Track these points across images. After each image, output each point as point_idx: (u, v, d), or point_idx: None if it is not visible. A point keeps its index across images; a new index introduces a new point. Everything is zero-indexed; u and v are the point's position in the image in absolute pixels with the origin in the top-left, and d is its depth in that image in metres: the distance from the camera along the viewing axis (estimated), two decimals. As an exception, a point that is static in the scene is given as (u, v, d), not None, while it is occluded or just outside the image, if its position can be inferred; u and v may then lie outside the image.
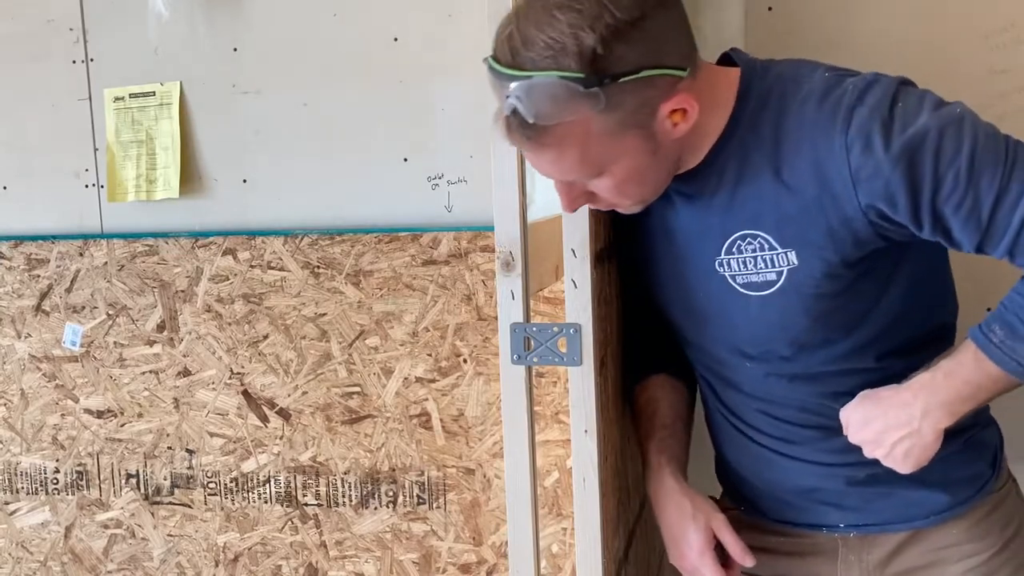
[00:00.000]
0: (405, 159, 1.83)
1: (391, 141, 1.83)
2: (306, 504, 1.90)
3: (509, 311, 1.34)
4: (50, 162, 1.99)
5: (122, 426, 1.97)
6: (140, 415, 1.96)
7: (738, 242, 1.31)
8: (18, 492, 2.04)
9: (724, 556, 1.46)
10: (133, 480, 1.97)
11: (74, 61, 1.95)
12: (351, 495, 1.87)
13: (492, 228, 1.36)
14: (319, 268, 1.84)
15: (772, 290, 1.31)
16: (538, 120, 1.13)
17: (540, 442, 1.71)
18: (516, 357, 1.35)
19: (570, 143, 1.17)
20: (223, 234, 1.89)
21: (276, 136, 1.88)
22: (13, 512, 2.04)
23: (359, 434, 1.85)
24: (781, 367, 1.39)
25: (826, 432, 1.42)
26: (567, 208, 1.28)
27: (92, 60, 1.95)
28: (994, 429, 1.53)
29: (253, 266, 1.87)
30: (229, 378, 1.90)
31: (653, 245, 1.45)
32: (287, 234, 1.86)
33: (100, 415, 1.98)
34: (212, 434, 1.92)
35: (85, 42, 1.95)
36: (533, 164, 1.24)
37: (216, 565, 1.95)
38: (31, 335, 2.00)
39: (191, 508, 1.95)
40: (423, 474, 1.83)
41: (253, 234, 1.87)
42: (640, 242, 1.48)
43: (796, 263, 1.28)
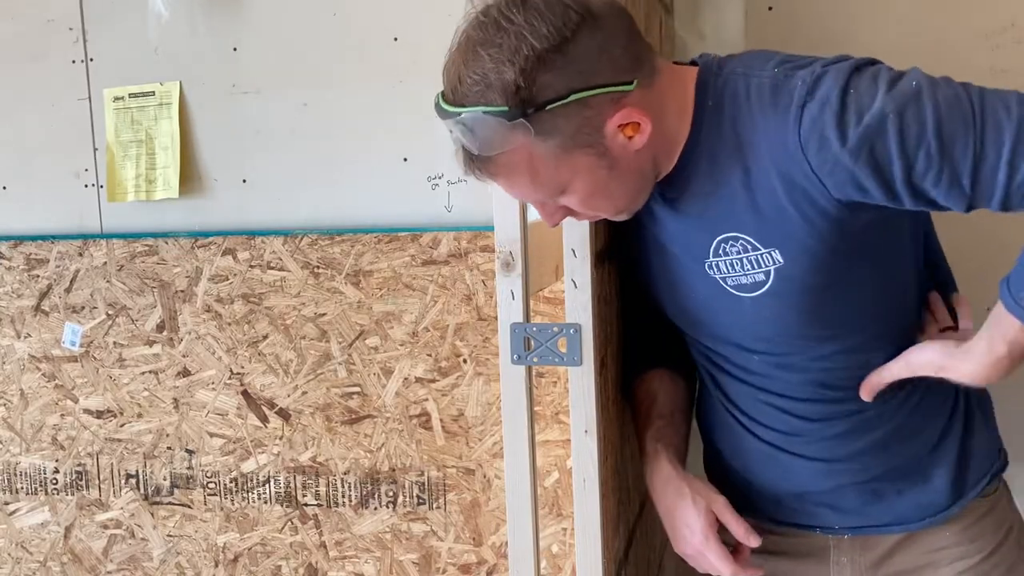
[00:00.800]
0: (405, 159, 1.83)
1: (391, 141, 1.83)
2: (306, 504, 1.89)
3: (509, 311, 1.35)
4: (50, 162, 1.99)
5: (122, 426, 1.97)
6: (140, 415, 1.96)
7: (723, 245, 1.31)
8: (17, 492, 2.03)
9: (728, 541, 1.46)
10: (133, 480, 1.97)
11: (74, 61, 1.95)
12: (351, 495, 1.87)
13: (492, 228, 1.36)
14: (319, 268, 1.84)
15: (763, 291, 1.31)
16: (481, 151, 1.17)
17: (540, 442, 1.71)
18: (516, 357, 1.35)
19: (518, 170, 1.19)
20: (223, 234, 1.89)
21: (276, 136, 1.88)
22: (12, 512, 2.04)
23: (359, 434, 1.85)
24: (788, 359, 1.39)
25: (833, 425, 1.42)
26: (549, 222, 1.29)
27: (92, 60, 1.95)
28: (990, 435, 1.53)
29: (253, 266, 1.87)
30: (229, 378, 1.90)
31: (646, 250, 1.45)
32: (287, 234, 1.86)
33: (100, 415, 1.98)
34: (212, 434, 1.92)
35: (85, 42, 1.95)
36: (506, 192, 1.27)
37: (216, 565, 1.95)
38: (30, 335, 1.99)
39: (191, 508, 1.95)
40: (423, 474, 1.83)
41: (253, 234, 1.87)
42: (633, 246, 1.48)
43: (782, 261, 1.27)
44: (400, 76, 1.81)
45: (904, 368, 1.35)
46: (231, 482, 1.92)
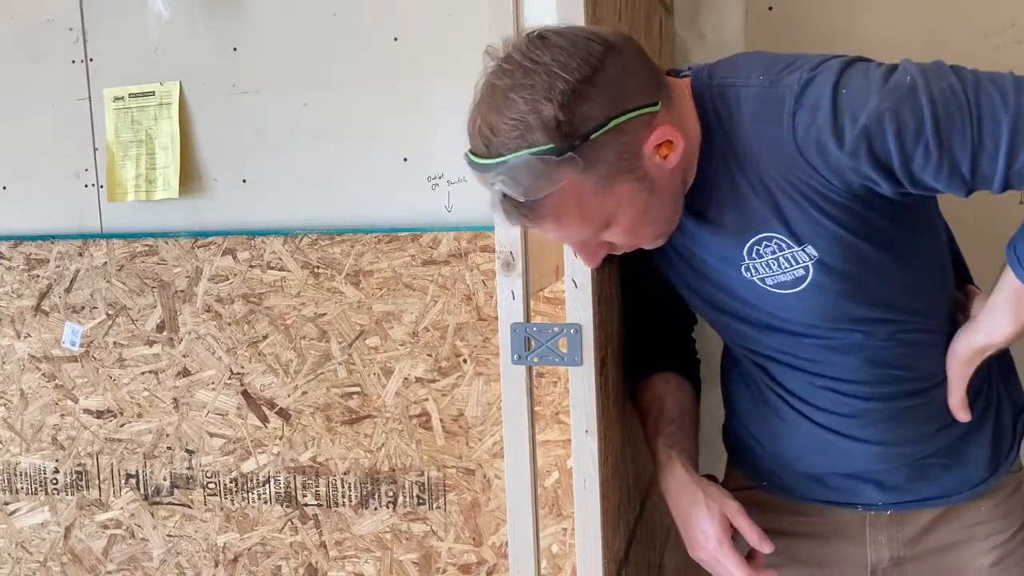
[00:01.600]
0: (405, 159, 1.83)
1: (391, 141, 1.83)
2: (306, 504, 1.89)
3: (509, 311, 1.34)
4: (50, 162, 1.99)
5: (122, 426, 1.97)
6: (140, 415, 1.96)
7: (755, 247, 1.32)
8: (18, 492, 2.03)
9: (743, 544, 1.46)
10: (133, 480, 1.97)
11: (74, 61, 1.95)
12: (351, 495, 1.87)
13: (492, 228, 1.36)
14: (319, 268, 1.84)
15: (804, 286, 1.32)
16: (528, 197, 1.15)
17: (540, 442, 1.71)
18: (517, 357, 1.35)
19: (566, 209, 1.18)
20: (223, 234, 1.89)
21: (276, 136, 1.88)
22: (13, 512, 2.04)
23: (359, 434, 1.85)
24: (840, 342, 1.39)
25: (891, 406, 1.42)
26: (591, 264, 1.29)
27: (92, 60, 1.95)
28: (1015, 411, 1.54)
29: (253, 266, 1.87)
30: (229, 378, 1.90)
31: (674, 262, 1.45)
32: (287, 234, 1.86)
33: (100, 415, 1.97)
34: (212, 434, 1.92)
35: (85, 42, 1.95)
36: (543, 236, 1.25)
37: (216, 565, 1.95)
38: (31, 335, 1.99)
39: (191, 508, 1.95)
40: (423, 474, 1.83)
41: (253, 234, 1.87)
42: (655, 256, 1.48)
43: (817, 255, 1.28)
44: (400, 76, 1.81)
45: (962, 378, 1.39)
46: (231, 482, 1.92)
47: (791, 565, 1.58)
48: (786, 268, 1.31)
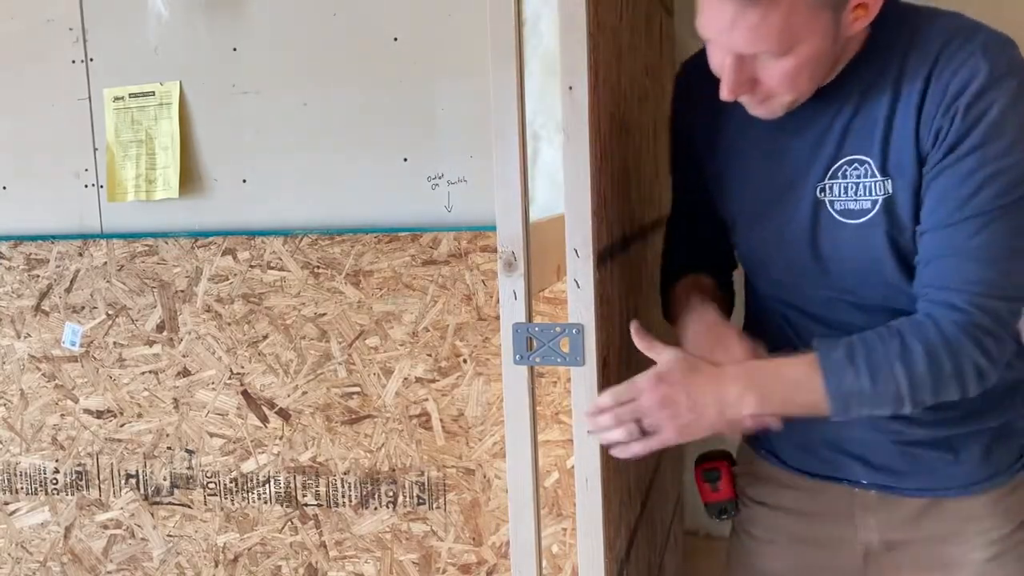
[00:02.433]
0: (405, 159, 1.83)
1: (391, 141, 1.83)
2: (306, 504, 1.89)
3: (511, 311, 1.35)
4: (50, 162, 1.99)
5: (122, 426, 1.96)
6: (140, 415, 1.95)
7: (844, 167, 1.35)
8: (17, 492, 2.03)
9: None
10: (133, 480, 1.97)
11: (74, 61, 1.95)
12: (351, 495, 1.87)
13: (492, 228, 1.36)
14: (319, 268, 1.84)
15: (865, 219, 1.35)
16: None
17: (540, 442, 1.72)
18: (518, 357, 1.35)
19: (779, 8, 1.21)
20: (223, 234, 1.89)
21: (276, 136, 1.88)
22: (12, 512, 2.04)
23: (359, 434, 1.85)
24: (869, 300, 1.42)
25: None
26: (728, 92, 1.30)
27: (92, 60, 1.94)
28: None
29: (253, 266, 1.87)
30: (229, 378, 1.90)
31: (747, 170, 1.48)
32: (287, 234, 1.86)
33: (100, 415, 1.97)
34: (212, 434, 1.92)
35: (85, 42, 1.95)
36: (726, 35, 1.26)
37: (216, 565, 1.95)
38: (30, 335, 1.99)
39: (191, 508, 1.95)
40: (423, 474, 1.83)
41: (253, 234, 1.87)
42: (726, 166, 1.50)
43: (891, 192, 1.33)
44: (400, 76, 1.81)
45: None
46: (231, 482, 1.92)
47: (788, 543, 1.60)
48: (860, 196, 1.35)
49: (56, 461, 2.01)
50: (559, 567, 1.80)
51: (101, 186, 1.97)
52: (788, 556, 1.62)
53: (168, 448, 1.95)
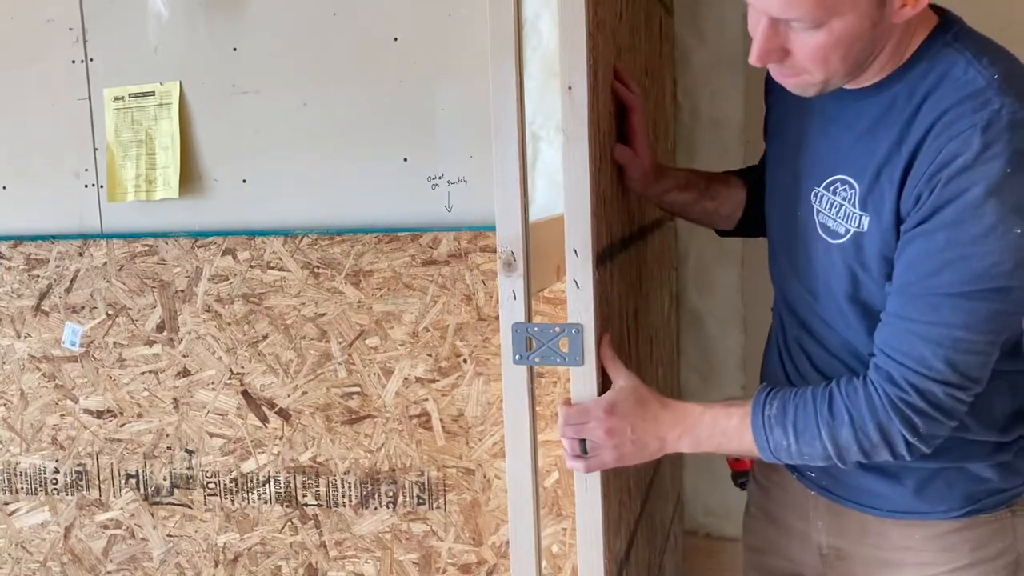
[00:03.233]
0: (405, 159, 1.83)
1: (391, 141, 1.83)
2: (306, 504, 1.89)
3: (511, 311, 1.35)
4: (50, 162, 1.99)
5: (122, 426, 1.96)
6: (140, 415, 1.95)
7: (836, 183, 1.36)
8: (17, 492, 2.03)
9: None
10: (133, 480, 1.97)
11: (74, 61, 1.95)
12: (351, 495, 1.87)
13: (492, 228, 1.36)
14: (319, 268, 1.84)
15: (838, 242, 1.36)
16: None
17: (540, 442, 1.71)
18: (518, 357, 1.35)
19: None
20: (223, 234, 1.89)
21: (276, 136, 1.88)
22: (12, 512, 2.04)
23: (359, 434, 1.85)
24: (828, 318, 1.44)
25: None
26: (757, 57, 1.29)
27: (92, 60, 1.94)
28: (1005, 470, 1.48)
29: (253, 266, 1.87)
30: (229, 378, 1.90)
31: (785, 147, 1.50)
32: (287, 234, 1.86)
33: (100, 415, 1.97)
34: (212, 434, 1.92)
35: (85, 42, 1.95)
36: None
37: (216, 565, 1.95)
38: (30, 335, 1.99)
39: (191, 508, 1.95)
40: (423, 474, 1.83)
41: (253, 234, 1.87)
42: (778, 137, 1.54)
43: (865, 230, 1.32)
44: (400, 76, 1.81)
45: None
46: (231, 482, 1.92)
47: (767, 524, 1.69)
48: (838, 218, 1.36)
49: (56, 461, 2.01)
50: (559, 567, 1.79)
51: (101, 186, 1.97)
52: (766, 535, 1.70)
53: (168, 448, 1.95)
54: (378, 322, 1.82)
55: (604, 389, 1.41)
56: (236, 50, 1.88)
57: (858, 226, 1.32)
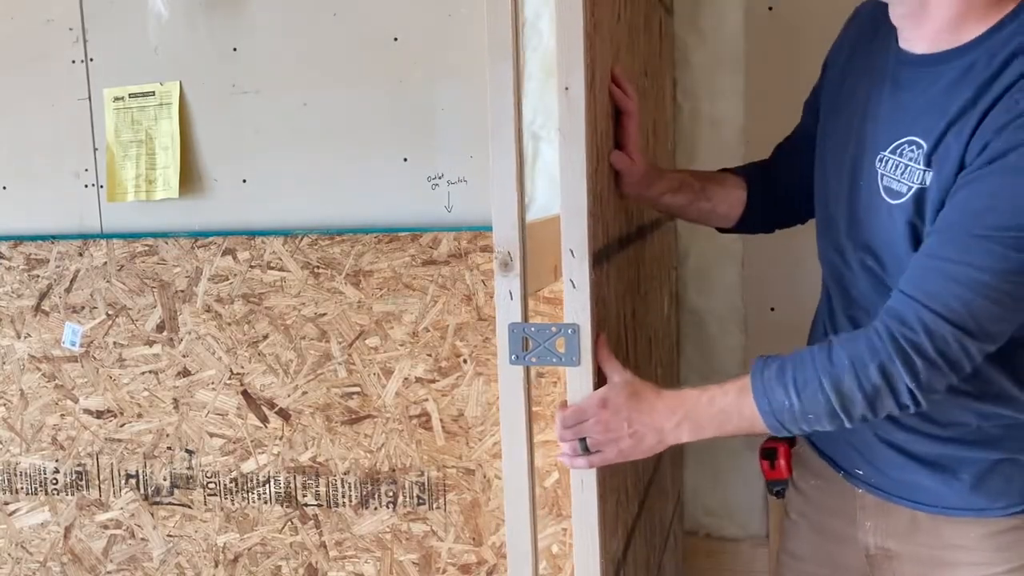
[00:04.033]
0: (405, 159, 1.83)
1: (391, 141, 1.83)
2: (306, 504, 1.89)
3: (507, 311, 1.34)
4: (50, 162, 1.99)
5: (122, 426, 1.97)
6: (140, 415, 1.96)
7: (904, 145, 1.34)
8: (17, 492, 2.04)
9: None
10: (133, 480, 1.97)
11: (74, 61, 1.95)
12: (351, 495, 1.87)
13: (492, 228, 1.36)
14: (319, 268, 1.84)
15: (899, 201, 1.34)
16: None
17: (540, 442, 1.71)
18: (514, 357, 1.35)
19: None
20: (223, 234, 1.89)
21: (276, 136, 1.88)
22: (12, 512, 2.05)
23: (359, 434, 1.85)
24: (894, 278, 1.39)
25: None
26: None
27: (92, 60, 1.95)
28: None
29: (253, 266, 1.87)
30: (229, 378, 1.90)
31: (850, 118, 1.48)
32: (287, 234, 1.86)
33: (100, 415, 1.98)
34: (212, 434, 1.92)
35: (85, 42, 1.95)
36: None
37: (216, 565, 1.95)
38: (31, 335, 2.00)
39: (191, 508, 1.95)
40: (423, 474, 1.83)
41: (253, 234, 1.87)
42: (841, 111, 1.52)
43: (926, 184, 1.30)
44: (400, 76, 1.81)
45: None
46: (231, 482, 1.92)
47: (808, 529, 1.66)
48: (903, 177, 1.34)
49: (56, 461, 2.01)
50: (559, 567, 1.79)
51: (101, 186, 1.97)
52: (808, 542, 1.66)
53: (168, 448, 1.95)
54: (378, 322, 1.82)
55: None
56: (236, 50, 1.88)
57: (920, 182, 1.30)
